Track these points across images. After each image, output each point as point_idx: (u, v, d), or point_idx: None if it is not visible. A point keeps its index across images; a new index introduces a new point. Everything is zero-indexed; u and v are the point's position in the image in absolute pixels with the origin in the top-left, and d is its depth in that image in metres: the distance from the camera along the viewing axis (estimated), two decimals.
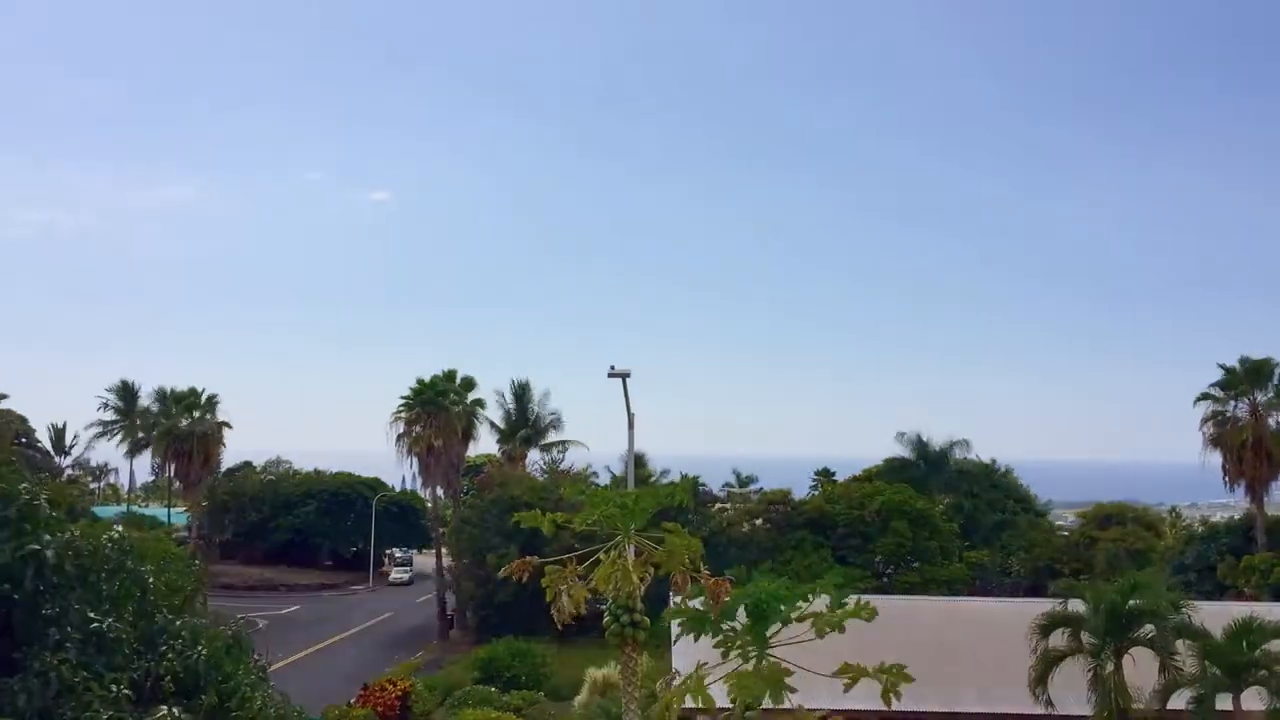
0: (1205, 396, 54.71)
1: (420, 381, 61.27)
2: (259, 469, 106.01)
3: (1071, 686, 24.50)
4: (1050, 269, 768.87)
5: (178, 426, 70.33)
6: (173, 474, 74.43)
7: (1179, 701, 23.13)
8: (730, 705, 9.49)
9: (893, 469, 68.28)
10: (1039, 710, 25.05)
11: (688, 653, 11.95)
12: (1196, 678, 23.16)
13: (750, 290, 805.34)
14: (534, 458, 70.01)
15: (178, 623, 11.25)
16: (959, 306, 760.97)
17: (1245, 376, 53.55)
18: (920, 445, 68.50)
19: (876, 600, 10.19)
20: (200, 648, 11.04)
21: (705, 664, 9.45)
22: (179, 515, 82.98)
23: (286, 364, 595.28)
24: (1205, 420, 54.61)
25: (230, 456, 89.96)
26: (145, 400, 79.37)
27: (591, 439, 73.13)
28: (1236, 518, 59.87)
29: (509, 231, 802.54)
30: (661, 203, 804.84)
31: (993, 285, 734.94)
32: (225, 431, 72.69)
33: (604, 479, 67.39)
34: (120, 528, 11.38)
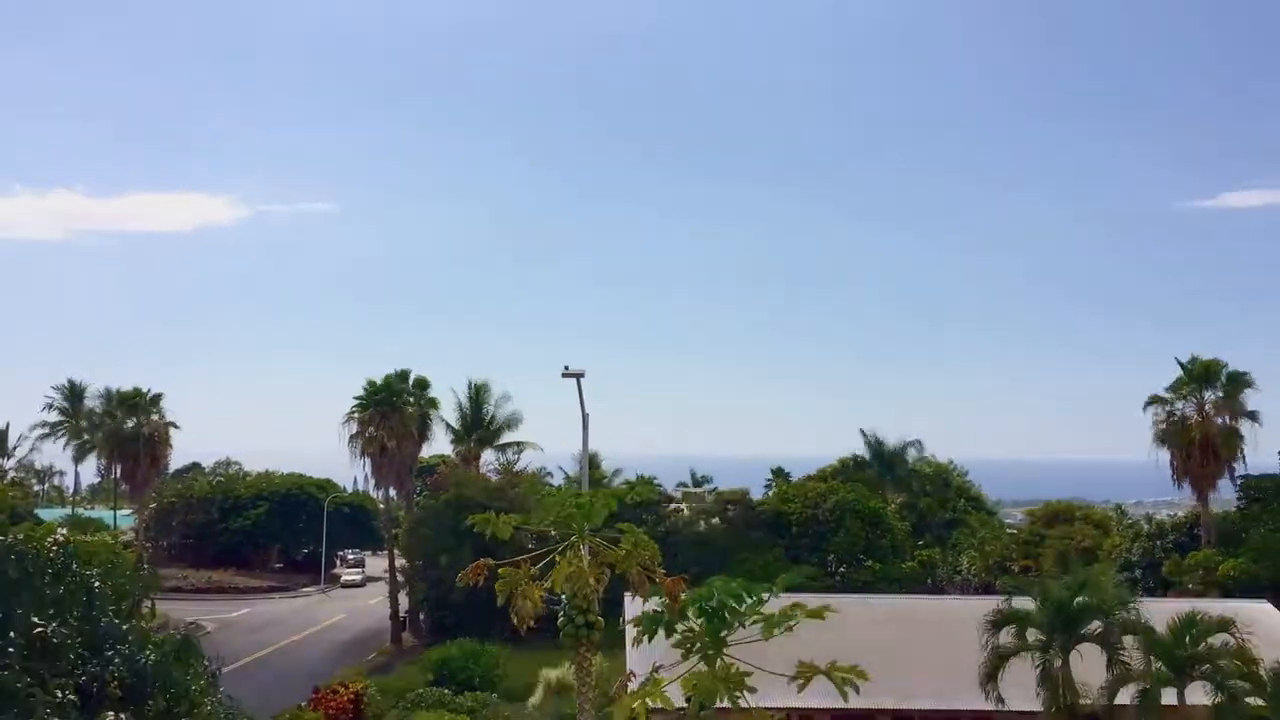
0: (1155, 400, 55.38)
1: (372, 382, 60.58)
2: (208, 471, 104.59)
3: (1021, 683, 24.83)
4: (1000, 268, 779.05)
5: (123, 427, 69.09)
6: (119, 476, 73.04)
7: (1126, 696, 23.54)
8: (685, 705, 9.50)
9: (847, 468, 68.82)
10: (990, 707, 25.37)
11: (644, 653, 11.94)
12: (1143, 673, 23.57)
13: (712, 290, 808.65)
14: (488, 458, 69.55)
15: (125, 627, 11.03)
16: (914, 306, 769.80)
17: (1195, 376, 54.40)
18: (876, 445, 69.11)
19: (830, 599, 10.25)
20: (148, 652, 10.85)
21: (661, 665, 9.44)
22: (125, 518, 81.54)
23: (236, 365, 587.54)
24: (1156, 420, 55.23)
25: (179, 458, 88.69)
26: (92, 401, 77.84)
27: (546, 440, 72.80)
28: (1181, 515, 60.90)
29: (469, 235, 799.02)
30: (626, 206, 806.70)
31: (945, 284, 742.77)
32: (173, 433, 71.54)
33: (558, 479, 67.13)
34: (65, 531, 11.14)
